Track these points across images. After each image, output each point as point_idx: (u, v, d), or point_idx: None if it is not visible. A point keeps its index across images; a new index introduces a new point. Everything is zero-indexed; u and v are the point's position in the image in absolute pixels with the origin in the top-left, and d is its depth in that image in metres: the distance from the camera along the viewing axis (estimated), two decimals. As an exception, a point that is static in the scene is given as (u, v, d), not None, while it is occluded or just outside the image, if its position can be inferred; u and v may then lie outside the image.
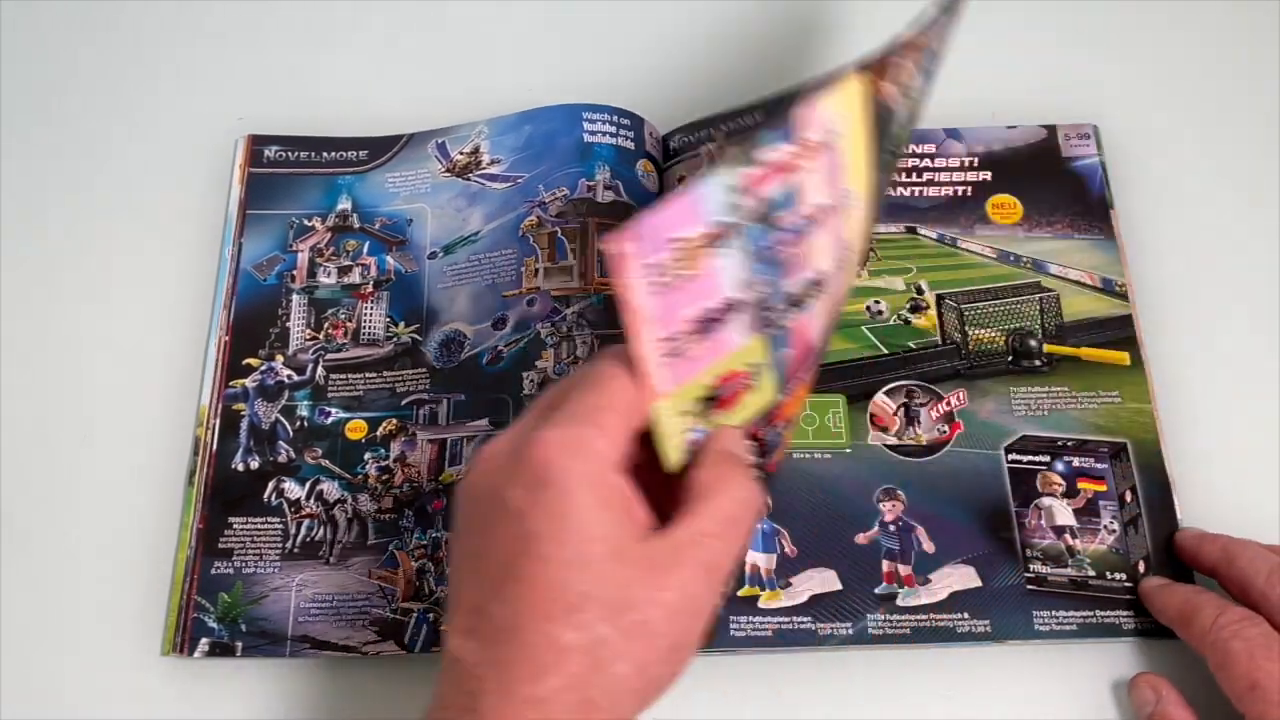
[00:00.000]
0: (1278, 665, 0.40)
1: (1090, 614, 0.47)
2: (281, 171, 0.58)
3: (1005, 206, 0.57)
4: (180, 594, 0.48)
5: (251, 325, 0.54)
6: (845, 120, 0.34)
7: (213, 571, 0.49)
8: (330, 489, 0.51)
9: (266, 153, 0.59)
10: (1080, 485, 0.50)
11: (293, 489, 0.51)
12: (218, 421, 0.52)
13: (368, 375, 0.54)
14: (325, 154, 0.59)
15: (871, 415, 0.52)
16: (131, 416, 0.53)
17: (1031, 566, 0.48)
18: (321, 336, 0.55)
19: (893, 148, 0.40)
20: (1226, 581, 0.45)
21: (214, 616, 0.48)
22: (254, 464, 0.51)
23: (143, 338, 0.55)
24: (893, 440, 0.51)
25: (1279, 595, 0.43)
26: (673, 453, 0.35)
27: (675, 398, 0.35)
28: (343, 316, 0.55)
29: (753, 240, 0.33)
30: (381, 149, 0.59)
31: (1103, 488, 0.50)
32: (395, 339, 0.54)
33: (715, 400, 0.37)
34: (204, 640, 0.47)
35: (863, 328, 0.54)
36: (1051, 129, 0.59)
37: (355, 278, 0.56)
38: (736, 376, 0.37)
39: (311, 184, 0.58)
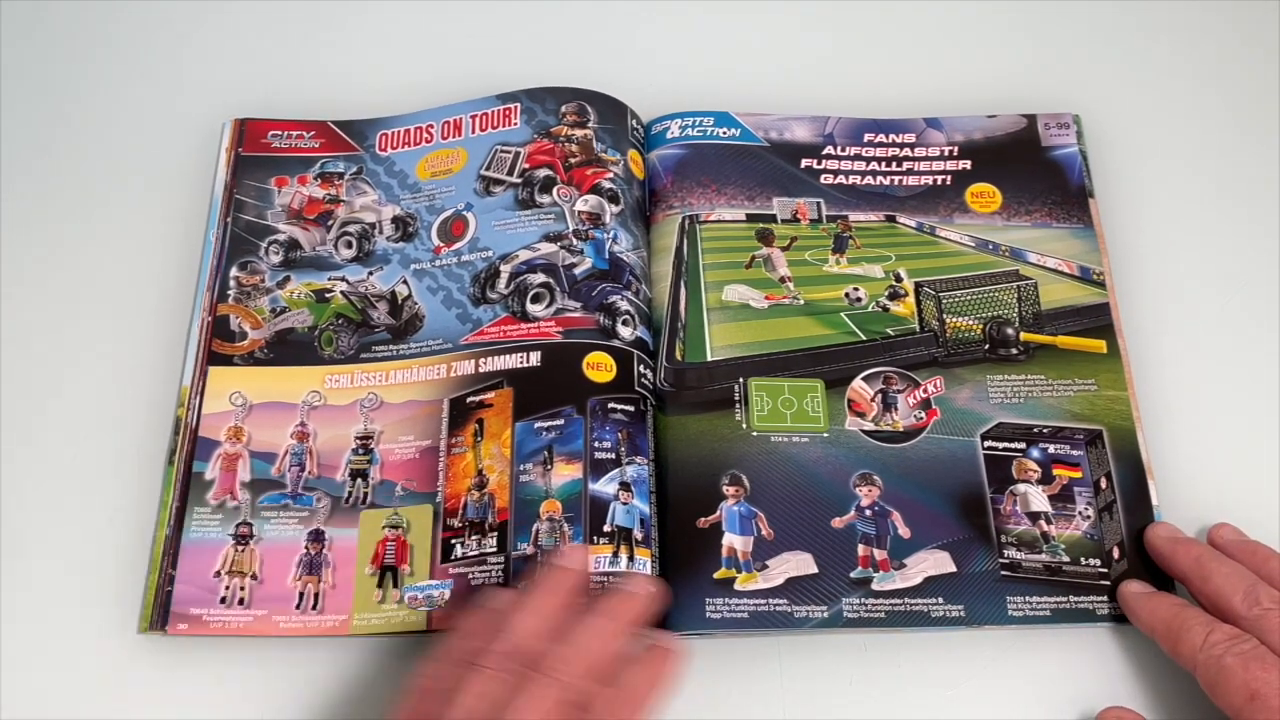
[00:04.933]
0: (1275, 674, 0.41)
1: (1064, 599, 0.47)
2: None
3: (984, 195, 0.57)
4: (158, 572, 0.49)
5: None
6: None
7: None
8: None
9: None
10: (1056, 472, 0.50)
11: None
12: (199, 401, 0.53)
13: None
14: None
15: (849, 400, 0.52)
16: (114, 396, 0.54)
17: (1006, 552, 0.48)
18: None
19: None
20: (1199, 595, 0.46)
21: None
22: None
23: (126, 319, 0.56)
24: (870, 426, 0.51)
25: (1255, 616, 0.43)
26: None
27: (358, 598, 0.47)
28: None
29: None
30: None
31: (1078, 474, 0.50)
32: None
33: (390, 569, 0.48)
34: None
35: (841, 314, 0.54)
36: (1031, 118, 0.59)
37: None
38: (383, 544, 0.48)
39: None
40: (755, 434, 0.51)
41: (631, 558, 0.47)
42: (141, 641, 0.48)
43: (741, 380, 0.52)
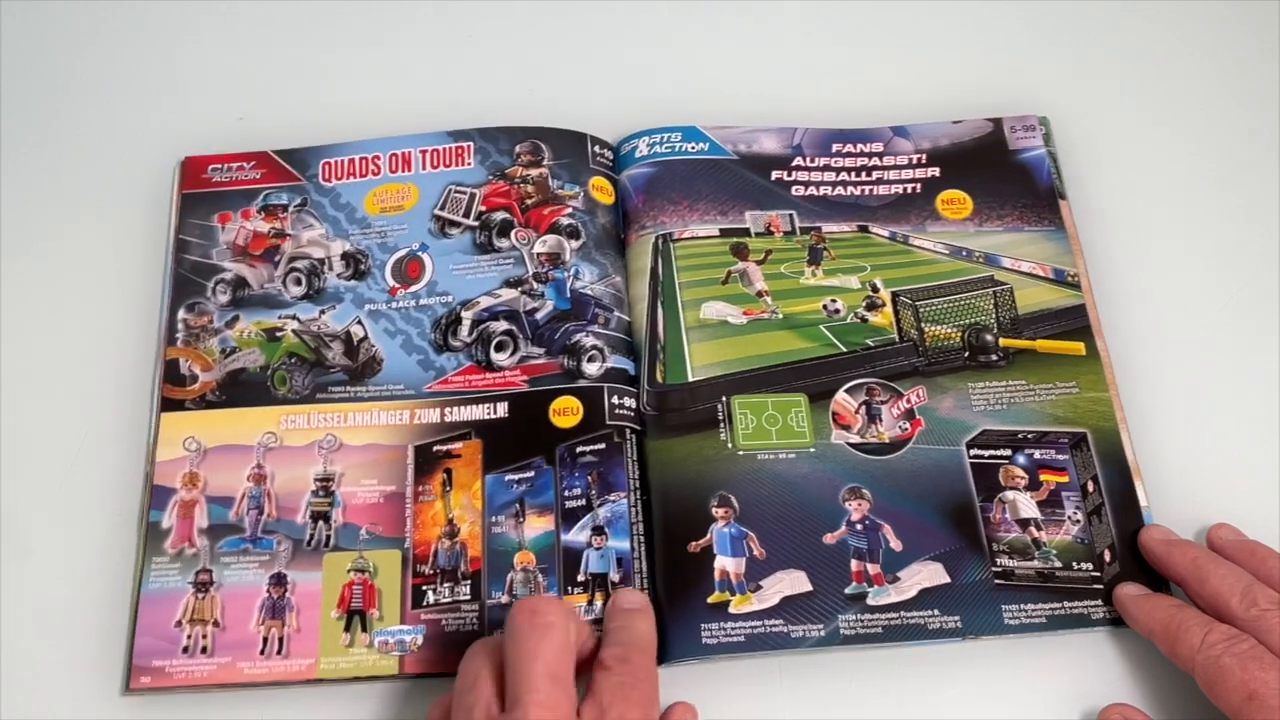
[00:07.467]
0: (1273, 674, 0.41)
1: (1059, 605, 0.47)
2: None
3: (955, 202, 0.57)
4: (133, 629, 0.47)
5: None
6: None
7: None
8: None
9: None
10: (1042, 477, 0.50)
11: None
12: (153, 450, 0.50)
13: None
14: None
15: (834, 414, 0.51)
16: (84, 451, 0.51)
17: (999, 560, 0.48)
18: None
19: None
20: (1197, 597, 0.45)
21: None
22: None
23: (94, 375, 0.53)
24: (856, 439, 0.51)
25: (1252, 617, 0.43)
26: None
27: (324, 642, 0.46)
28: None
29: None
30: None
31: (1064, 479, 0.49)
32: None
33: (357, 613, 0.47)
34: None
35: (820, 326, 0.54)
36: (997, 121, 0.59)
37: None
38: (349, 587, 0.47)
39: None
40: (741, 453, 0.50)
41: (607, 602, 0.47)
42: (126, 702, 0.46)
43: (725, 399, 0.51)
